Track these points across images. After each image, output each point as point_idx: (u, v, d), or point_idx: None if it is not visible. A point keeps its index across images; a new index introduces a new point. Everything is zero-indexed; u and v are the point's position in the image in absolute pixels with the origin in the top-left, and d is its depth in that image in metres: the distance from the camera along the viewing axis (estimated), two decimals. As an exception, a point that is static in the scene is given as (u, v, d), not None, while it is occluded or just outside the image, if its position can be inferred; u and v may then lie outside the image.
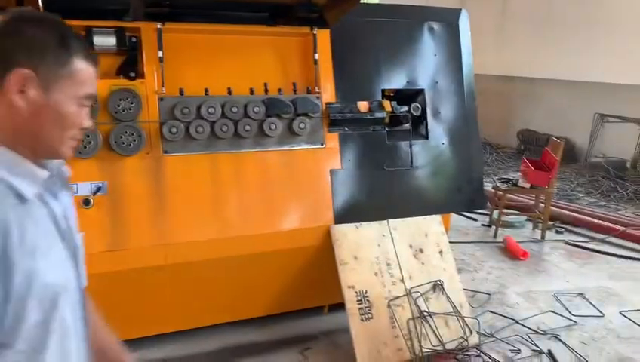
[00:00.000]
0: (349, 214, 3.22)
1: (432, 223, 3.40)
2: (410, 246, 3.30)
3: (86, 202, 2.67)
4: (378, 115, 3.30)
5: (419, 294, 3.18)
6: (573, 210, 5.82)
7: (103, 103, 2.73)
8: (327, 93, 3.22)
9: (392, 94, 3.45)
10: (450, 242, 4.88)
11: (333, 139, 3.23)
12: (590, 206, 6.38)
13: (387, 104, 3.35)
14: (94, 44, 2.74)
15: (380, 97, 3.36)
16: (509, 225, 5.51)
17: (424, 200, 3.44)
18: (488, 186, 6.48)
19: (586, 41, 8.68)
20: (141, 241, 2.80)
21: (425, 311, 3.15)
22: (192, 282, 3.00)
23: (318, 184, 3.17)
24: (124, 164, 2.79)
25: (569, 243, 5.04)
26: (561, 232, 5.38)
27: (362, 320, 3.04)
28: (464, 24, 3.63)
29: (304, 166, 3.15)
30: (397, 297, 3.14)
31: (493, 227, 5.30)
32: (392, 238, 3.28)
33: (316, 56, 3.16)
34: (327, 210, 3.18)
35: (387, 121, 3.38)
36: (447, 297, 3.23)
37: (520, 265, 4.54)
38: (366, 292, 3.09)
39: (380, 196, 3.32)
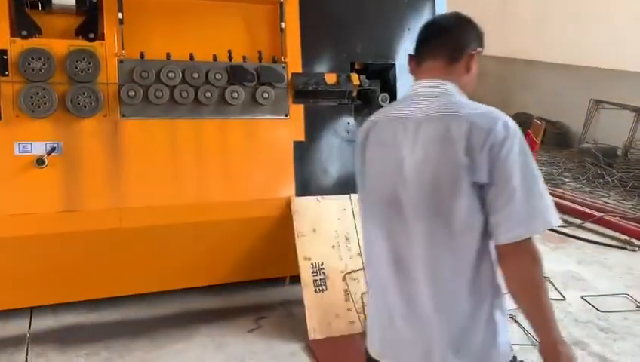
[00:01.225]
0: (311, 187, 3.22)
1: (396, 199, 3.39)
2: (371, 222, 3.29)
3: (40, 162, 2.67)
4: (346, 88, 3.27)
5: (376, 269, 3.19)
6: (553, 195, 5.78)
7: (60, 63, 2.71)
8: (294, 63, 3.18)
9: (361, 68, 3.41)
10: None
11: (298, 111, 3.20)
12: (574, 191, 6.35)
13: (355, 77, 3.31)
14: (53, 2, 2.71)
15: (349, 70, 3.32)
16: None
17: (389, 176, 3.41)
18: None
19: (586, 25, 8.54)
20: (96, 204, 2.81)
21: (381, 286, 3.16)
22: (149, 246, 3.01)
23: (281, 155, 3.16)
24: (81, 126, 2.78)
25: (544, 227, 5.02)
26: (539, 216, 5.35)
27: (316, 291, 3.06)
28: (440, -2, 3.56)
29: (267, 136, 3.14)
30: (353, 271, 3.15)
31: (472, 208, 5.28)
32: (353, 212, 3.27)
33: (282, 24, 3.11)
34: (289, 182, 3.17)
35: (355, 94, 3.34)
36: (405, 273, 3.23)
37: (491, 246, 4.53)
38: (322, 265, 3.11)
39: (344, 170, 3.31)
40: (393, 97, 3.41)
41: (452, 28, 1.49)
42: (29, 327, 2.96)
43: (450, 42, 1.46)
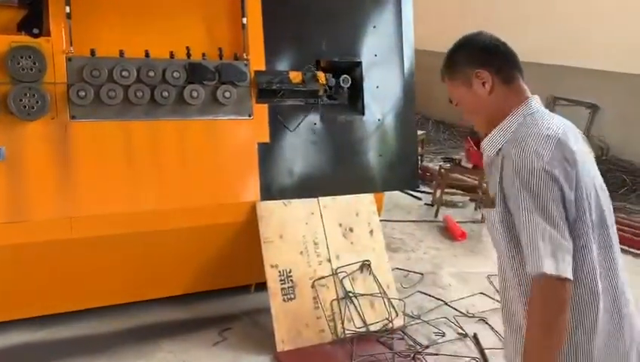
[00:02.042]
0: (277, 190, 3.08)
1: (364, 202, 3.29)
2: (340, 225, 3.19)
3: (-21, 169, 2.43)
4: (311, 86, 3.14)
5: (345, 274, 3.09)
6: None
7: (1, 61, 2.48)
8: (257, 60, 3.03)
9: (327, 66, 3.28)
10: (390, 221, 4.89)
11: (262, 111, 3.05)
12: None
13: (321, 76, 3.19)
14: (-9, -7, 2.48)
15: (314, 68, 3.19)
16: (453, 205, 5.49)
17: (357, 178, 3.31)
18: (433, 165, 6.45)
19: (541, 22, 8.67)
20: (44, 213, 2.59)
21: (350, 292, 3.06)
22: (103, 257, 2.81)
23: (244, 157, 3.01)
24: (26, 129, 2.55)
25: (508, 225, 5.04)
26: (502, 213, 5.38)
27: (284, 300, 2.93)
28: (407, -5, 3.47)
29: (229, 138, 2.98)
30: (322, 277, 3.03)
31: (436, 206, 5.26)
32: (321, 216, 3.16)
33: (244, 20, 2.96)
34: (254, 186, 3.02)
35: (321, 93, 3.22)
36: (374, 277, 3.14)
37: (457, 245, 4.51)
38: (290, 272, 2.98)
39: (311, 173, 3.18)
40: (359, 96, 3.30)
41: None
42: (-27, 349, 2.72)
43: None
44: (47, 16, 2.59)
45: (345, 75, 3.25)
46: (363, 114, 3.32)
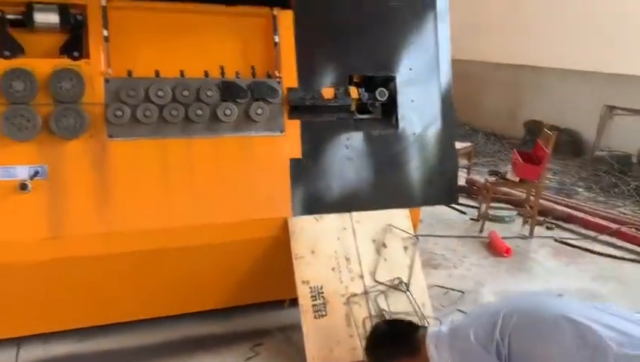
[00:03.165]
0: (308, 206, 3.08)
1: (399, 217, 3.24)
2: (373, 241, 3.15)
3: (23, 186, 2.55)
4: (343, 102, 3.13)
5: (378, 292, 3.04)
6: (566, 206, 5.60)
7: (43, 84, 2.60)
8: (289, 77, 3.05)
9: (360, 81, 3.27)
10: (432, 236, 4.79)
11: (294, 127, 3.06)
12: (588, 201, 6.14)
13: (354, 91, 3.18)
14: (35, 21, 2.62)
15: (347, 83, 3.18)
16: (499, 220, 5.32)
17: (391, 192, 3.27)
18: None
19: (597, 30, 8.34)
20: (82, 229, 2.68)
21: (384, 310, 3.00)
22: (139, 272, 2.89)
23: (276, 173, 3.02)
24: (66, 148, 2.66)
25: (558, 241, 4.83)
26: (551, 228, 5.17)
27: (316, 317, 2.91)
28: (443, 7, 3.42)
29: (261, 154, 3.00)
30: (355, 294, 2.99)
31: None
32: (353, 232, 3.13)
33: (276, 38, 2.99)
34: (285, 201, 3.03)
35: (354, 108, 3.21)
36: (409, 295, 3.07)
37: (502, 262, 4.36)
38: (321, 288, 2.96)
39: (343, 187, 3.16)
40: (393, 111, 3.27)
41: None
42: (16, 360, 2.84)
43: None
44: (87, 40, 2.71)
45: (381, 88, 3.23)
46: (397, 128, 3.28)
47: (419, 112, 3.34)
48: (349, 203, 3.17)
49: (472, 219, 5.38)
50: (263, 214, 3.00)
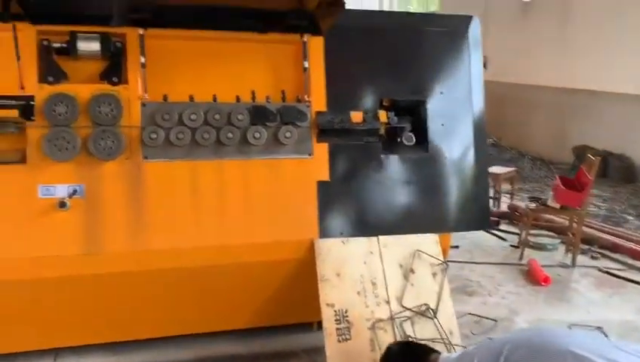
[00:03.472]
0: (335, 228, 3.10)
1: (428, 242, 3.21)
2: (401, 266, 3.12)
3: (62, 204, 2.69)
4: (371, 126, 3.16)
5: (405, 317, 3.00)
6: (613, 234, 5.37)
7: (84, 107, 2.76)
8: (319, 101, 3.11)
9: (390, 105, 3.29)
10: (468, 263, 4.69)
11: (322, 150, 3.11)
12: (638, 231, 5.87)
13: (383, 115, 3.20)
14: (78, 49, 2.78)
15: (376, 107, 3.21)
16: (541, 248, 5.16)
17: (420, 217, 3.24)
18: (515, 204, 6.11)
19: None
20: (116, 246, 2.80)
21: (410, 336, 2.96)
22: (169, 290, 2.98)
23: (304, 195, 3.06)
24: (103, 168, 2.80)
25: (602, 271, 4.64)
26: (596, 258, 4.97)
27: (339, 340, 2.90)
28: (474, 32, 3.41)
29: (289, 176, 3.06)
30: (380, 319, 2.97)
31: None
32: (380, 256, 3.12)
33: (306, 64, 3.06)
34: (313, 223, 3.06)
35: (383, 132, 3.23)
36: (436, 322, 3.02)
37: (540, 291, 4.22)
38: (346, 312, 2.95)
39: (371, 211, 3.17)
40: (423, 136, 3.26)
41: None
42: (51, 370, 2.97)
43: None
44: (126, 66, 2.86)
45: (408, 116, 3.24)
46: (427, 151, 3.27)
47: (450, 136, 3.32)
48: (377, 226, 3.16)
49: (512, 246, 5.24)
50: (290, 236, 3.04)
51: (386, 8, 17.05)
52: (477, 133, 3.39)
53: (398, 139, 3.22)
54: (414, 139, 3.20)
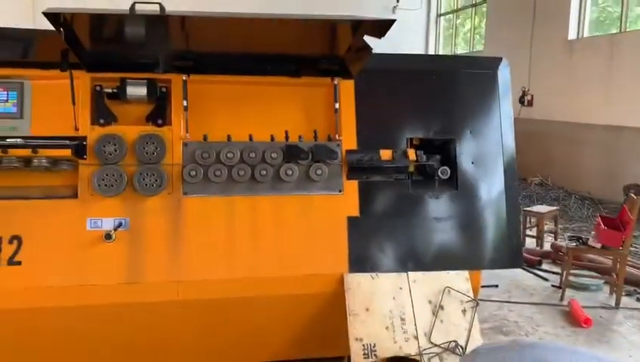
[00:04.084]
0: (365, 263, 3.17)
1: (458, 279, 3.23)
2: (430, 302, 3.15)
3: (108, 236, 2.90)
4: (401, 163, 3.26)
5: (433, 354, 3.02)
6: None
7: (131, 147, 2.99)
8: (349, 140, 3.25)
9: (419, 143, 3.39)
10: (506, 302, 4.63)
11: (352, 187, 3.22)
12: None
13: (412, 153, 3.30)
14: (127, 93, 3.03)
15: (405, 145, 3.32)
16: (584, 288, 5.03)
17: (450, 254, 3.28)
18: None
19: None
20: (156, 276, 2.97)
21: (438, 373, 2.97)
22: (205, 320, 3.11)
23: (334, 230, 3.17)
24: (146, 203, 3.00)
25: (647, 313, 4.49)
26: (643, 300, 4.81)
27: (367, 374, 2.94)
28: (504, 73, 3.50)
29: (320, 211, 3.18)
30: (409, 355, 3.00)
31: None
32: (410, 292, 3.16)
33: (336, 105, 3.21)
34: (343, 258, 3.16)
35: (412, 170, 3.32)
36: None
37: (581, 333, 4.11)
38: (374, 347, 3.00)
39: (401, 247, 3.24)
40: (453, 172, 3.33)
41: None
42: (93, 394, 3.12)
43: None
44: (170, 109, 3.09)
45: (437, 155, 3.33)
46: (457, 189, 3.33)
47: (479, 174, 3.38)
48: (407, 262, 3.22)
49: (553, 286, 5.13)
50: (320, 269, 3.14)
51: (431, 49, 17.26)
52: (507, 171, 3.43)
53: (435, 177, 3.28)
54: (449, 173, 3.26)
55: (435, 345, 3.03)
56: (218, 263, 3.04)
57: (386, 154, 3.26)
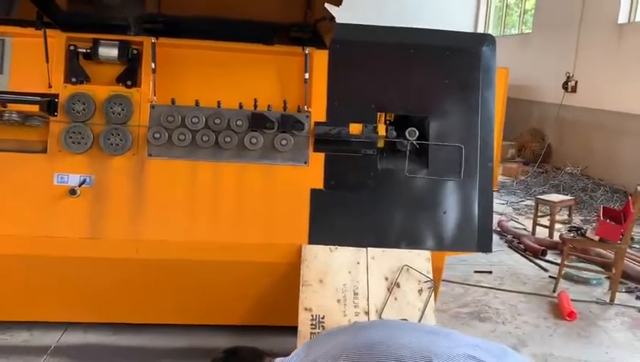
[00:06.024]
0: (325, 236, 3.17)
1: (419, 258, 3.18)
2: (386, 279, 3.12)
3: (72, 192, 3.00)
4: (370, 138, 3.21)
5: (383, 330, 2.99)
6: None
7: (100, 107, 3.07)
8: (319, 112, 3.22)
9: (392, 119, 3.32)
10: (495, 289, 4.52)
11: (318, 159, 3.20)
12: None
13: (382, 128, 3.24)
14: (99, 54, 3.10)
15: (376, 120, 3.25)
16: (584, 282, 4.83)
17: (413, 233, 3.23)
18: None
19: None
20: (117, 234, 3.07)
21: (385, 350, 2.95)
22: (162, 279, 3.19)
23: (297, 202, 3.17)
24: (111, 162, 3.09)
25: (641, 312, 4.28)
26: (641, 298, 4.58)
27: (313, 345, 2.95)
28: (488, 52, 3.35)
29: (283, 182, 3.18)
30: (357, 329, 2.98)
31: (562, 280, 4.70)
32: (367, 267, 3.14)
33: (306, 75, 3.18)
34: (303, 229, 3.16)
35: (381, 145, 3.26)
36: (415, 339, 2.98)
37: (562, 325, 3.97)
38: (323, 318, 3.00)
39: (363, 222, 3.21)
40: (424, 149, 3.25)
41: None
42: (57, 340, 3.28)
43: None
44: (141, 72, 3.14)
45: (411, 128, 3.24)
46: (426, 168, 3.25)
47: (452, 155, 3.28)
48: (368, 238, 3.19)
49: (550, 277, 4.96)
50: (280, 239, 3.16)
51: (481, 27, 16.69)
52: (483, 153, 3.32)
53: (406, 153, 3.21)
54: (417, 133, 3.18)
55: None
56: (178, 225, 3.10)
57: (355, 128, 3.21)
